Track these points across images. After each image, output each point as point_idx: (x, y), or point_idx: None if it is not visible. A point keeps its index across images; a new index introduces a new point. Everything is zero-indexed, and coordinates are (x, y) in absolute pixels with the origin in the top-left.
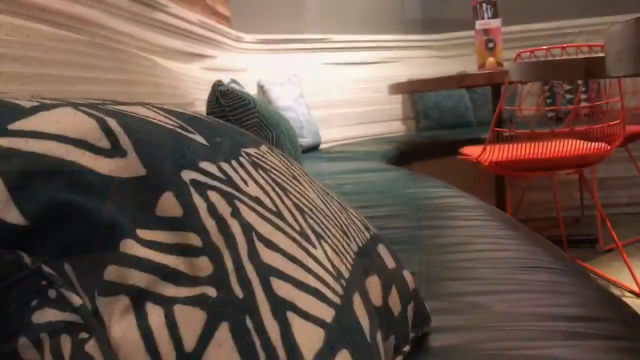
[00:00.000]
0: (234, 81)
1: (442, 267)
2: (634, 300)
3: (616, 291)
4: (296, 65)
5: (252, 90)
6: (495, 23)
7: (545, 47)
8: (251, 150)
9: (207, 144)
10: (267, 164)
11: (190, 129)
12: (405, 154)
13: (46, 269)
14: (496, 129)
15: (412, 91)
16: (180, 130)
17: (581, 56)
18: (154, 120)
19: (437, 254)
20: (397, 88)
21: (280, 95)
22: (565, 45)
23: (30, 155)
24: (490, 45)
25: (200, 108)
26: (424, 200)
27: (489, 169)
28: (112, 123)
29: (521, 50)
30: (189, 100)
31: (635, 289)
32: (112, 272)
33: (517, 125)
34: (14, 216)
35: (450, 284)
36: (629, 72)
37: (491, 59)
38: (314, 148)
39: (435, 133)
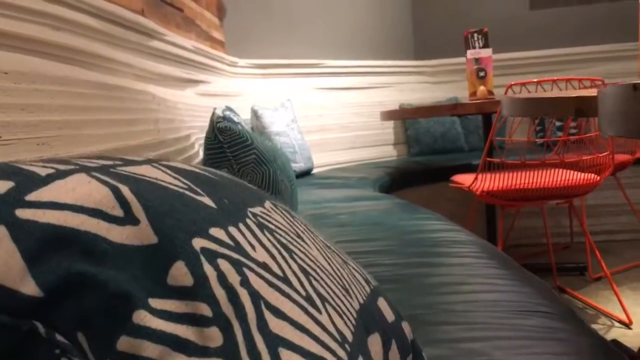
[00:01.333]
0: (228, 108)
1: (438, 310)
2: (623, 331)
3: (606, 321)
4: (289, 90)
5: (246, 115)
6: (486, 52)
7: (535, 80)
8: (257, 210)
9: (215, 207)
10: (272, 224)
11: (199, 190)
12: (398, 181)
13: (59, 337)
14: (488, 159)
15: (404, 118)
16: (189, 193)
17: (571, 90)
18: (164, 184)
19: (432, 295)
20: (389, 115)
21: (273, 120)
22: (555, 79)
23: (47, 226)
24: (482, 74)
25: (197, 136)
26: (416, 234)
27: (480, 198)
28: (125, 190)
29: (512, 83)
30: (185, 132)
31: (624, 318)
32: (125, 343)
33: (508, 153)
34: (31, 288)
35: (446, 328)
36: (620, 134)
37: (482, 88)
38: (306, 173)
39: (426, 158)
